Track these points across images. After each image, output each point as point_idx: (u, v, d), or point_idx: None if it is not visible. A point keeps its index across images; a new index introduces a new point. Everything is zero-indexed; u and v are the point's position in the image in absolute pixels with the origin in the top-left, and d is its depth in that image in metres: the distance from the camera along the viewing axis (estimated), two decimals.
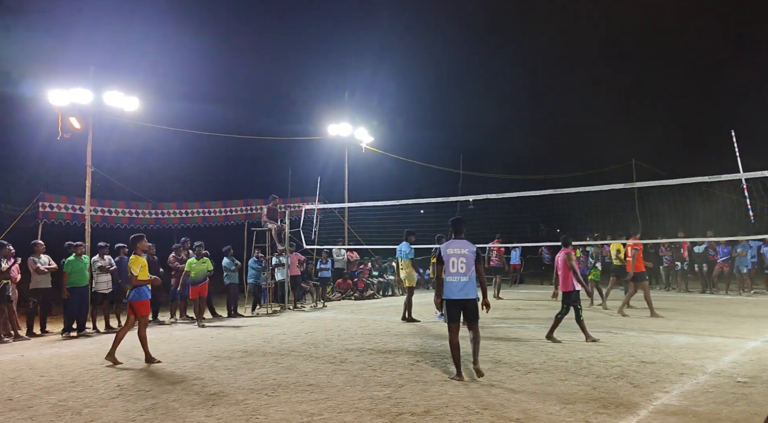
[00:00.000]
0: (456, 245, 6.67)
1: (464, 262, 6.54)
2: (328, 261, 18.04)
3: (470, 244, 6.66)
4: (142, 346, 8.28)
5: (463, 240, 6.73)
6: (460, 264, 6.55)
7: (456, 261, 6.58)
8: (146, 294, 8.47)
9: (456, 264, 6.57)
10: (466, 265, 6.53)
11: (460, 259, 6.56)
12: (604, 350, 8.04)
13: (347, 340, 9.62)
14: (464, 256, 6.57)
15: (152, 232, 17.96)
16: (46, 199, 15.54)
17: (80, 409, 5.68)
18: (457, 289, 6.54)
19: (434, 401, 5.59)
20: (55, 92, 13.54)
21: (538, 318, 12.08)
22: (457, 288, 6.55)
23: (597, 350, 8.05)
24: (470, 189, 26.61)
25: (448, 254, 6.63)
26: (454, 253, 6.61)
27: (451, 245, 6.68)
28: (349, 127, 21.02)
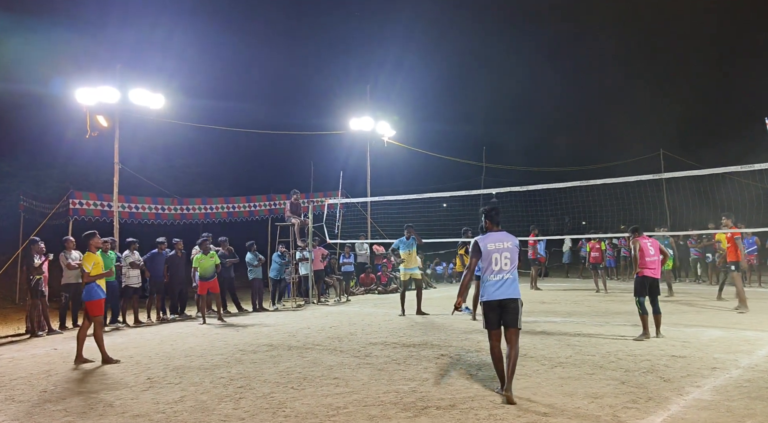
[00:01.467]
0: (496, 238, 5.78)
1: (508, 258, 5.68)
2: (351, 255, 18.09)
3: (512, 236, 5.82)
4: (98, 347, 7.96)
5: (503, 232, 5.88)
6: (504, 260, 5.66)
7: (499, 257, 5.68)
8: (98, 294, 8.23)
9: (500, 260, 5.67)
10: (510, 261, 5.68)
11: (504, 254, 5.68)
12: (632, 344, 7.93)
13: (371, 334, 9.64)
14: (508, 250, 5.70)
15: (178, 228, 18.24)
16: (76, 196, 15.85)
17: (112, 402, 5.80)
18: (497, 288, 5.61)
19: (460, 395, 5.57)
20: (83, 91, 13.77)
21: (564, 311, 11.96)
22: (496, 287, 5.62)
23: (625, 344, 7.94)
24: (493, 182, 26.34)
25: (489, 250, 5.69)
26: (497, 247, 5.70)
27: (491, 238, 5.76)
28: (371, 121, 21.01)
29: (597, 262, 16.72)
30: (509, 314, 5.55)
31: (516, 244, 5.75)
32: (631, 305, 12.46)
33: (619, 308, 12.15)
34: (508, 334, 5.54)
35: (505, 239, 5.77)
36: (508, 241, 5.75)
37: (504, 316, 5.57)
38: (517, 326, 5.54)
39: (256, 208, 21.02)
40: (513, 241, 5.76)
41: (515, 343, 5.50)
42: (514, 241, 5.77)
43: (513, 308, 5.56)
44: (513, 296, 5.58)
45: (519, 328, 5.55)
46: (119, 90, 14.08)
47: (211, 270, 12.44)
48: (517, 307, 5.58)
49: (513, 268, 5.66)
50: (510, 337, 5.52)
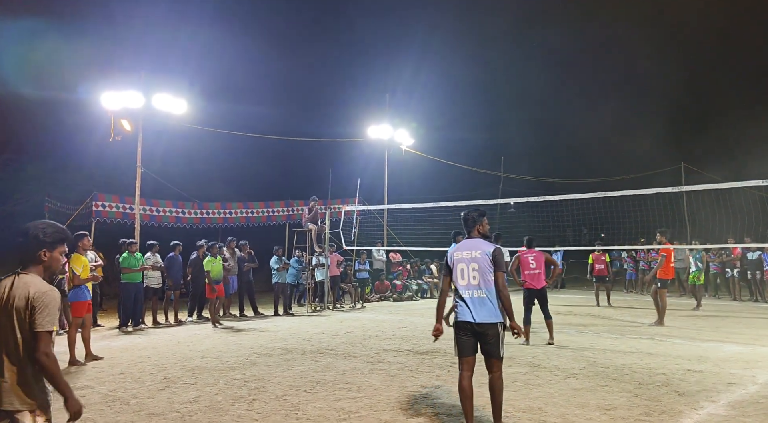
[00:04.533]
0: (465, 246, 4.86)
1: (476, 270, 4.72)
2: (366, 262, 18.16)
3: (486, 243, 4.84)
4: (69, 348, 8.12)
5: (477, 239, 4.89)
6: (471, 272, 4.74)
7: (466, 268, 4.76)
8: (85, 295, 8.40)
9: (466, 272, 4.75)
10: (479, 274, 4.70)
11: (471, 265, 4.75)
12: (647, 357, 7.87)
13: (385, 341, 9.68)
14: (475, 260, 4.74)
15: (197, 231, 18.47)
16: (99, 199, 16.17)
17: (128, 400, 5.92)
18: (467, 308, 4.71)
19: None
20: (108, 95, 14.08)
21: (579, 323, 11.89)
22: (466, 306, 4.72)
23: (640, 357, 7.88)
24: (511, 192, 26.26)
25: (455, 259, 4.86)
26: (463, 257, 4.81)
27: (461, 247, 4.89)
28: (390, 129, 21.13)
29: (601, 274, 16.42)
30: (488, 343, 4.65)
31: (487, 252, 4.73)
32: (646, 318, 12.40)
33: (636, 321, 12.05)
34: (488, 364, 4.72)
35: (474, 247, 4.81)
36: (477, 249, 4.79)
37: (482, 345, 4.69)
38: (497, 356, 4.66)
39: (274, 213, 21.24)
40: (484, 249, 4.76)
41: (499, 375, 4.70)
42: (485, 248, 4.77)
43: (492, 335, 4.62)
44: (490, 320, 4.62)
45: (501, 357, 4.69)
46: (143, 95, 14.37)
47: (221, 274, 12.63)
48: (497, 333, 4.63)
49: (486, 283, 4.69)
50: (491, 367, 4.71)
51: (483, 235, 4.97)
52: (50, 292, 2.93)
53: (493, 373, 4.69)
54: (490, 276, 4.70)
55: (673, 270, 11.77)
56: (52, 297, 2.92)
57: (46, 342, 2.88)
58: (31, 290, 2.90)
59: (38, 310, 2.87)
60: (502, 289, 4.67)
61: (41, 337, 2.87)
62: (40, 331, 2.86)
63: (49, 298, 2.91)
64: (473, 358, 4.74)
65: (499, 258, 4.73)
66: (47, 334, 2.88)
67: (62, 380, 2.93)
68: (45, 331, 2.87)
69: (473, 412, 4.72)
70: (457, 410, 5.32)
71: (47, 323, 2.88)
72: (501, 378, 4.72)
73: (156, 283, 12.62)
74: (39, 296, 2.89)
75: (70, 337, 8.23)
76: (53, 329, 2.91)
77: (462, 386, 4.71)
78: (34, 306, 2.87)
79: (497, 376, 4.68)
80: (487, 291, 4.67)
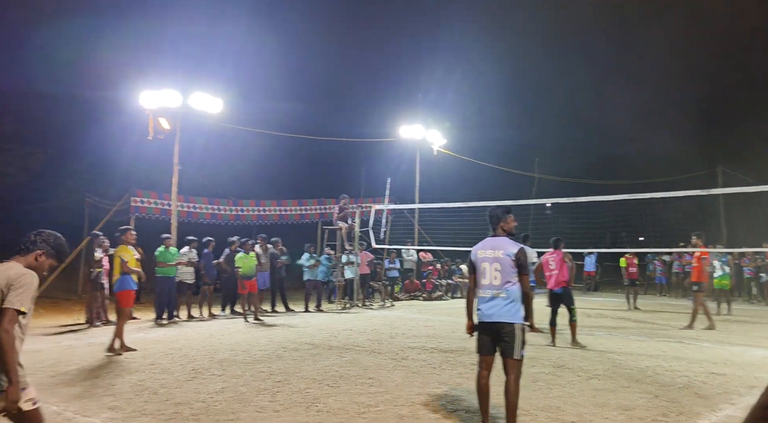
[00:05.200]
0: (489, 245, 4.83)
1: (498, 270, 4.69)
2: (396, 261, 18.25)
3: (511, 243, 4.77)
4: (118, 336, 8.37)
5: (502, 238, 4.84)
6: (493, 272, 4.71)
7: (489, 267, 4.74)
8: (131, 285, 8.72)
9: (488, 272, 4.73)
10: (501, 274, 4.67)
11: (494, 264, 4.71)
12: (672, 360, 7.77)
13: (411, 339, 9.76)
14: (498, 260, 4.70)
15: (232, 228, 18.85)
16: (138, 195, 16.65)
17: (156, 389, 6.14)
18: (487, 308, 4.71)
19: (491, 400, 5.62)
20: (147, 94, 14.49)
21: (609, 326, 11.74)
22: (486, 306, 4.72)
23: (665, 359, 7.79)
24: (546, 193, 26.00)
25: (478, 257, 4.84)
26: (486, 256, 4.78)
27: (485, 245, 4.85)
28: (422, 129, 21.16)
29: (633, 277, 16.22)
30: (503, 342, 4.62)
31: (510, 253, 4.67)
32: (676, 322, 12.16)
33: (666, 325, 11.84)
34: (504, 365, 4.65)
35: (499, 247, 4.76)
36: (500, 249, 4.74)
37: (499, 344, 4.67)
38: (513, 357, 4.59)
39: (307, 211, 21.51)
40: (507, 250, 4.70)
41: (515, 376, 4.59)
42: (509, 248, 4.70)
43: (507, 334, 4.59)
44: (506, 320, 4.60)
45: (517, 358, 4.60)
46: (181, 94, 14.74)
47: (252, 270, 12.80)
48: (513, 332, 4.59)
49: (507, 284, 4.64)
50: (506, 368, 4.63)
51: (508, 232, 4.89)
52: (29, 275, 3.04)
53: (508, 375, 4.58)
54: (512, 277, 4.65)
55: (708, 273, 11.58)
56: (30, 279, 3.03)
57: (9, 318, 2.94)
58: (11, 272, 3.03)
59: (13, 288, 2.98)
60: (526, 290, 4.66)
61: (6, 313, 2.94)
62: (7, 307, 2.94)
63: (27, 279, 3.02)
64: (492, 357, 4.74)
65: (522, 260, 4.66)
66: (13, 312, 2.95)
67: (13, 362, 2.95)
68: (12, 308, 2.95)
69: (489, 409, 4.75)
70: (476, 407, 5.35)
71: (17, 301, 2.96)
72: (517, 382, 4.59)
73: (189, 278, 12.95)
74: (18, 277, 3.01)
75: (119, 328, 8.46)
76: (21, 309, 2.97)
77: (479, 384, 4.74)
78: (11, 285, 2.98)
79: (513, 379, 4.57)
80: (508, 291, 4.62)
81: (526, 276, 4.69)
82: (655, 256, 21.17)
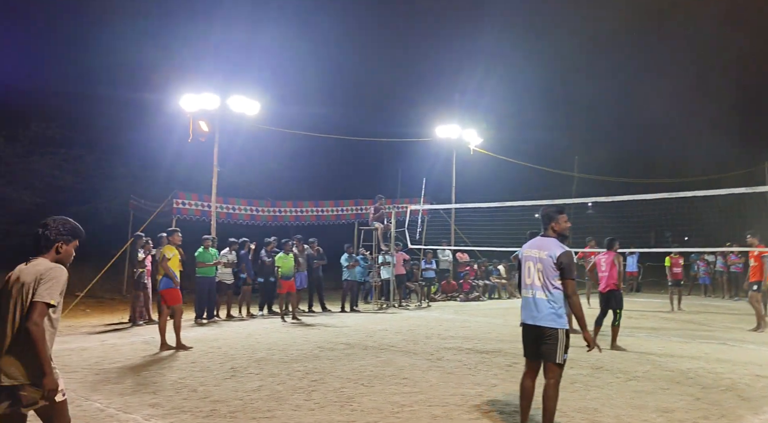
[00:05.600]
0: (535, 244, 4.74)
1: (541, 270, 4.57)
2: (432, 261, 18.19)
3: (557, 244, 4.60)
4: (175, 333, 8.70)
5: (550, 238, 4.69)
6: (536, 272, 4.59)
7: (532, 267, 4.63)
8: (172, 283, 9.01)
9: (532, 271, 4.63)
10: (543, 275, 4.54)
11: (537, 265, 4.60)
12: (715, 362, 7.54)
13: (447, 339, 9.72)
14: (541, 261, 4.58)
15: (270, 229, 19.11)
16: (180, 197, 17.02)
17: (196, 387, 6.28)
18: (525, 308, 4.65)
19: None
20: (187, 98, 14.82)
21: (650, 327, 11.47)
22: (528, 307, 4.63)
23: (707, 362, 7.56)
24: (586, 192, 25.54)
25: (524, 255, 4.76)
26: (531, 255, 4.68)
27: (532, 244, 4.76)
28: (458, 129, 21.04)
29: (677, 278, 15.73)
30: (545, 344, 4.48)
31: (554, 254, 4.52)
32: (720, 323, 11.79)
33: (710, 326, 11.49)
34: (544, 368, 4.54)
35: (544, 247, 4.63)
36: (545, 250, 4.60)
37: (539, 346, 4.53)
38: (554, 361, 4.43)
39: (343, 212, 21.63)
40: (550, 252, 4.55)
41: (554, 381, 4.45)
42: (553, 250, 4.54)
43: (549, 337, 4.45)
44: (548, 324, 4.46)
45: (558, 363, 4.44)
46: (219, 97, 15.03)
47: (291, 270, 12.92)
48: (556, 336, 4.44)
49: (549, 286, 4.51)
50: (546, 371, 4.51)
51: (559, 233, 4.71)
52: (58, 269, 3.07)
53: (548, 379, 4.47)
54: (554, 279, 4.51)
55: None
56: (59, 272, 3.06)
57: (39, 312, 2.97)
58: (40, 267, 3.06)
59: (43, 282, 3.00)
60: (571, 295, 4.48)
61: (36, 307, 2.97)
62: (36, 300, 2.97)
63: (56, 272, 3.05)
64: (538, 361, 4.61)
65: (566, 263, 4.48)
66: (43, 305, 2.98)
67: (45, 354, 2.99)
68: (42, 301, 2.97)
69: (529, 412, 4.67)
70: (511, 408, 5.32)
71: (46, 294, 2.98)
72: (556, 386, 4.46)
73: (228, 279, 13.20)
74: (47, 271, 3.04)
75: (161, 324, 8.81)
76: (50, 302, 3.00)
77: (521, 385, 4.69)
78: (40, 279, 3.01)
79: (551, 384, 4.45)
80: (550, 294, 4.49)
81: (570, 280, 4.50)
82: (699, 256, 20.59)
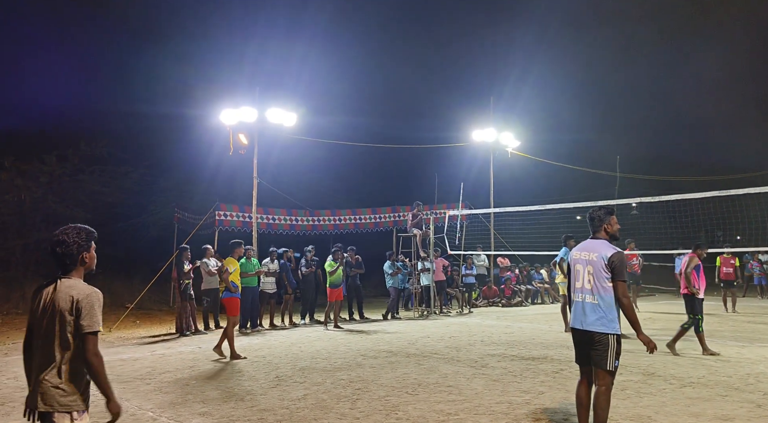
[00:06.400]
0: (584, 247, 4.63)
1: (591, 273, 4.46)
2: (473, 267, 18.03)
3: (608, 246, 4.50)
4: (228, 343, 8.87)
5: (601, 240, 4.58)
6: (587, 275, 4.50)
7: (582, 270, 4.55)
8: (238, 293, 9.27)
9: (582, 274, 4.54)
10: (595, 278, 4.44)
11: (587, 267, 4.51)
12: None
13: (490, 346, 9.60)
14: (591, 263, 4.48)
15: (310, 238, 19.28)
16: (221, 208, 17.35)
17: (243, 396, 6.36)
18: (577, 312, 4.54)
19: (575, 409, 5.42)
20: (227, 112, 15.12)
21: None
22: (576, 310, 4.55)
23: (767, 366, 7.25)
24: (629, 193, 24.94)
25: (573, 259, 4.68)
26: (581, 258, 4.59)
27: (582, 247, 4.66)
28: (494, 132, 20.85)
29: (729, 278, 15.14)
30: (595, 350, 4.37)
31: (604, 255, 4.41)
32: None
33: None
34: (594, 374, 4.42)
35: (594, 249, 4.53)
36: (595, 252, 4.50)
37: (591, 352, 4.42)
38: (605, 367, 4.31)
39: (381, 219, 21.65)
40: (600, 253, 4.44)
41: (605, 388, 4.33)
42: (603, 251, 4.44)
43: (600, 342, 4.34)
44: (599, 329, 4.34)
45: (609, 370, 4.31)
46: (257, 110, 15.29)
47: (340, 278, 12.93)
48: (607, 341, 4.31)
49: (600, 289, 4.39)
50: (596, 378, 4.39)
51: (611, 235, 4.60)
52: (94, 294, 3.04)
53: (598, 386, 4.35)
54: (606, 282, 4.38)
55: None
56: (96, 298, 3.03)
57: (94, 343, 2.98)
58: (74, 293, 3.00)
59: (84, 312, 2.96)
60: (621, 297, 4.33)
61: (89, 339, 2.96)
62: (88, 331, 2.95)
63: (93, 299, 3.01)
64: (590, 367, 4.47)
65: (617, 264, 4.35)
66: (95, 336, 2.98)
67: (106, 381, 3.00)
68: (93, 331, 2.97)
69: (588, 420, 4.52)
70: (560, 416, 5.21)
71: (95, 324, 2.97)
72: (607, 394, 4.32)
73: (270, 288, 13.35)
74: (84, 298, 2.99)
75: (229, 335, 8.96)
76: (100, 329, 3.01)
77: (576, 393, 4.58)
78: (79, 308, 2.97)
79: (602, 391, 4.31)
80: (600, 298, 4.37)
81: (622, 282, 4.35)
82: (752, 256, 19.80)
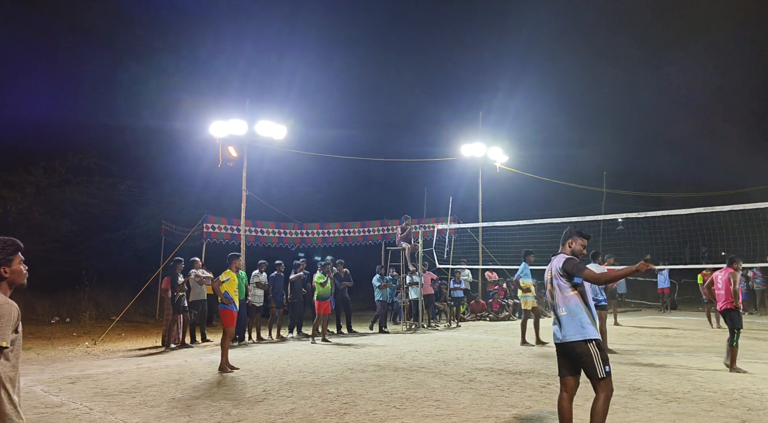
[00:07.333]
0: (550, 265, 4.83)
1: (556, 286, 4.67)
2: (461, 281, 18.06)
3: (563, 256, 4.70)
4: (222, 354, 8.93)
5: (560, 255, 4.79)
6: (552, 290, 4.72)
7: (550, 286, 4.76)
8: (232, 305, 9.25)
9: (550, 291, 4.77)
10: (558, 291, 4.64)
11: (551, 282, 4.74)
12: (762, 382, 7.29)
13: (478, 360, 9.61)
14: (553, 277, 4.70)
15: (298, 251, 19.27)
16: (209, 221, 17.31)
17: (229, 410, 6.31)
18: (556, 329, 4.67)
19: None
20: (216, 125, 15.11)
21: (690, 346, 11.17)
22: (556, 327, 4.68)
23: (753, 382, 7.32)
24: (615, 209, 25.18)
25: (545, 279, 4.90)
26: (546, 276, 4.85)
27: (548, 267, 4.87)
28: (483, 147, 20.99)
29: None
30: (582, 363, 4.47)
31: (558, 267, 4.63)
32: (765, 341, 11.41)
33: (754, 345, 11.13)
34: (593, 385, 4.51)
35: (552, 264, 4.77)
36: (553, 267, 4.73)
37: (580, 366, 4.53)
38: (598, 376, 4.37)
39: (370, 232, 21.69)
40: (557, 266, 4.67)
41: (604, 396, 4.39)
42: (557, 265, 4.66)
43: (582, 354, 4.44)
44: (575, 338, 4.45)
45: (602, 377, 4.37)
46: (247, 123, 15.29)
47: (328, 291, 12.92)
48: (588, 351, 4.40)
49: (564, 299, 4.57)
50: (594, 388, 4.50)
51: (573, 252, 4.74)
52: (6, 305, 2.84)
53: (597, 393, 4.44)
54: (568, 291, 4.57)
55: None
56: (5, 310, 2.82)
57: None
58: None
59: None
60: (591, 279, 4.51)
61: None
62: None
63: (2, 310, 2.80)
64: (570, 378, 4.62)
65: (570, 268, 4.53)
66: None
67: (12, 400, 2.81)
68: None
69: None
70: None
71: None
72: (606, 402, 4.37)
73: (258, 301, 13.29)
74: None
75: (224, 346, 9.00)
76: (2, 344, 2.76)
77: (558, 406, 4.70)
78: None
79: (602, 398, 4.39)
80: (567, 308, 4.55)
81: (585, 273, 4.49)
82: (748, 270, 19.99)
